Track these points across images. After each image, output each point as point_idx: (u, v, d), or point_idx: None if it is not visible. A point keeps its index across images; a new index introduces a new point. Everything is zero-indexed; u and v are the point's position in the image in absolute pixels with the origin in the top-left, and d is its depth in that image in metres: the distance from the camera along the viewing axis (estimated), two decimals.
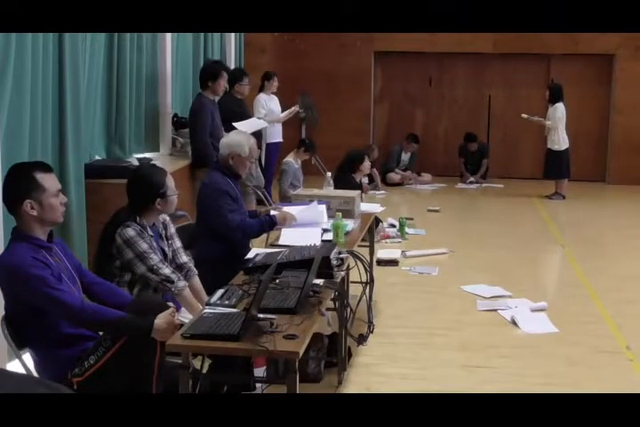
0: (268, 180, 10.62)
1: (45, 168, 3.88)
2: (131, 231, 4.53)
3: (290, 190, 9.33)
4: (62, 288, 3.79)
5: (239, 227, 5.50)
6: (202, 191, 5.69)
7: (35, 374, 3.89)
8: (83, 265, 4.21)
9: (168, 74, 8.79)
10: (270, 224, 5.67)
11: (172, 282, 4.55)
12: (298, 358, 3.55)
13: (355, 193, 6.47)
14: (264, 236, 6.14)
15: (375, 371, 5.48)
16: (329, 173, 7.31)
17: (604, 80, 14.24)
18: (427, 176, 14.08)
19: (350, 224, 5.78)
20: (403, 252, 8.33)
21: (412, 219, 9.37)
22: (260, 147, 8.57)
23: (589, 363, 5.67)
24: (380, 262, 7.88)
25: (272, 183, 10.83)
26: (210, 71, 8.41)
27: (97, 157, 7.14)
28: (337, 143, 12.87)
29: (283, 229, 5.59)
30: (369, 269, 5.01)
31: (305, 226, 5.66)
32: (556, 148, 12.54)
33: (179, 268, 4.80)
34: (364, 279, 4.89)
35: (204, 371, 4.15)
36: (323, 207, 5.98)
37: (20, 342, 3.88)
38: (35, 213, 3.78)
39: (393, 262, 7.97)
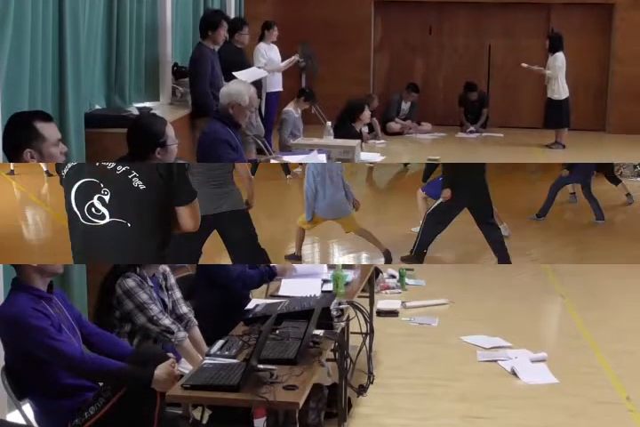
0: (268, 129, 10.63)
1: (45, 117, 3.89)
2: (131, 282, 4.45)
3: (290, 140, 9.35)
4: (62, 339, 3.75)
5: (239, 277, 5.34)
6: (202, 140, 5.71)
7: (35, 425, 3.86)
8: (83, 316, 4.16)
9: (168, 23, 8.73)
10: (270, 275, 5.55)
11: (172, 333, 4.46)
12: (298, 408, 3.53)
13: (355, 142, 6.49)
14: (264, 286, 6.05)
15: (375, 422, 5.33)
16: (329, 123, 7.34)
17: (604, 29, 14.18)
18: (427, 125, 14.09)
19: (350, 275, 5.66)
20: (403, 302, 8.15)
21: (412, 269, 9.02)
22: (259, 96, 8.57)
23: (589, 414, 5.51)
24: (380, 313, 7.70)
25: (272, 133, 10.83)
26: (210, 20, 8.39)
27: (97, 107, 7.13)
28: (337, 93, 12.84)
29: (283, 280, 5.51)
30: (369, 320, 4.97)
31: (305, 277, 5.59)
32: (555, 97, 12.53)
33: (179, 319, 4.70)
34: (364, 330, 4.86)
35: (204, 422, 4.16)
36: (323, 157, 5.98)
37: (20, 392, 3.83)
38: (34, 162, 3.77)
39: (393, 313, 7.77)
